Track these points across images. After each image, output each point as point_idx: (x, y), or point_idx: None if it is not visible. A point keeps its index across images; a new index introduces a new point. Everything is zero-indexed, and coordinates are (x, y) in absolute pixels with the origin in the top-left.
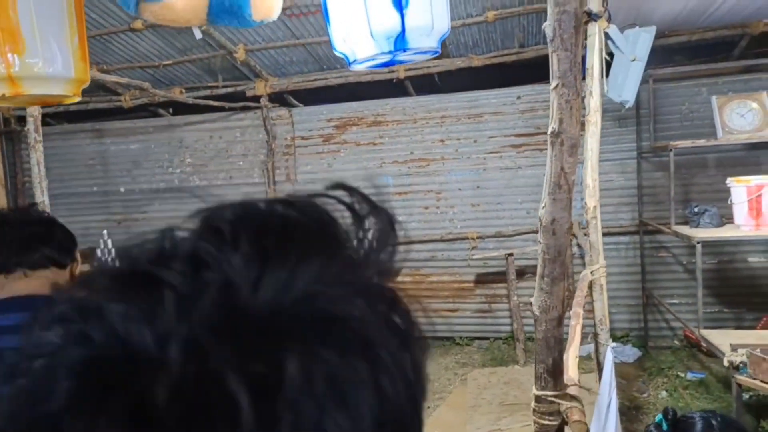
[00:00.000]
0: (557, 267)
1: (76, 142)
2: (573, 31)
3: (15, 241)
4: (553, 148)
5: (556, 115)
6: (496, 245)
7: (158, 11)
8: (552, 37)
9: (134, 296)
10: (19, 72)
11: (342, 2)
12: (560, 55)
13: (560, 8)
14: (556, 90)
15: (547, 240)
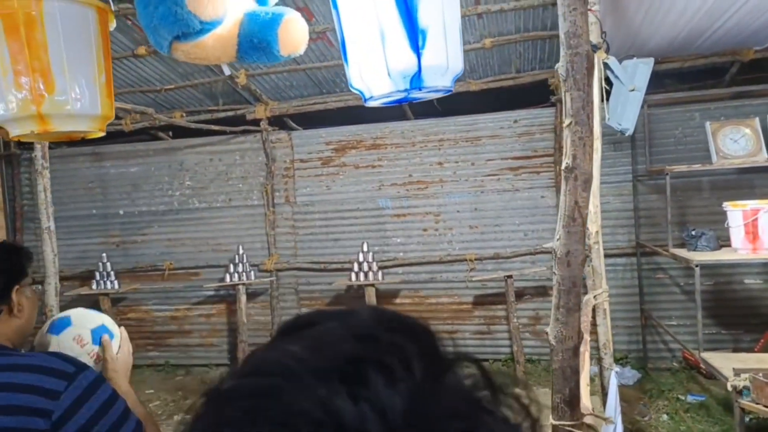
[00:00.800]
0: (572, 298)
1: (76, 165)
2: (585, 72)
3: None
4: (567, 182)
5: (570, 151)
6: (495, 267)
7: (190, 50)
8: (565, 78)
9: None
10: (48, 110)
11: (360, 42)
12: (573, 94)
13: (573, 50)
14: (569, 127)
15: (562, 271)
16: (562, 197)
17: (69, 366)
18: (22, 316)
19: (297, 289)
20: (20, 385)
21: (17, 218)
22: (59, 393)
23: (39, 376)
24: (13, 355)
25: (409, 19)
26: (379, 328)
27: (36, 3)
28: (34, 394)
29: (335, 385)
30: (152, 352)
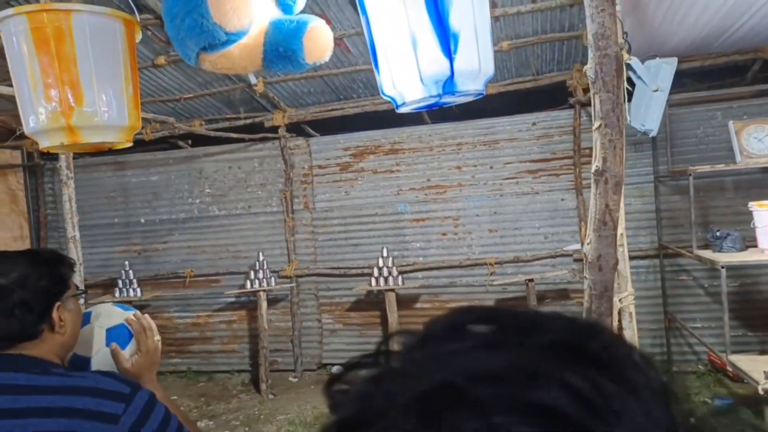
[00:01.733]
0: (604, 303)
1: (98, 174)
2: (614, 74)
3: None
4: (597, 186)
5: (600, 154)
6: (515, 270)
7: (216, 60)
8: (594, 80)
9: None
10: (77, 122)
11: (392, 49)
12: (602, 96)
13: (601, 52)
14: (599, 130)
15: (594, 276)
16: (592, 200)
17: (125, 387)
18: (64, 332)
19: (317, 294)
20: (77, 410)
21: (41, 228)
22: (118, 416)
23: (98, 400)
24: (65, 375)
25: (441, 24)
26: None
27: (65, 17)
28: (93, 419)
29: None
30: (174, 359)
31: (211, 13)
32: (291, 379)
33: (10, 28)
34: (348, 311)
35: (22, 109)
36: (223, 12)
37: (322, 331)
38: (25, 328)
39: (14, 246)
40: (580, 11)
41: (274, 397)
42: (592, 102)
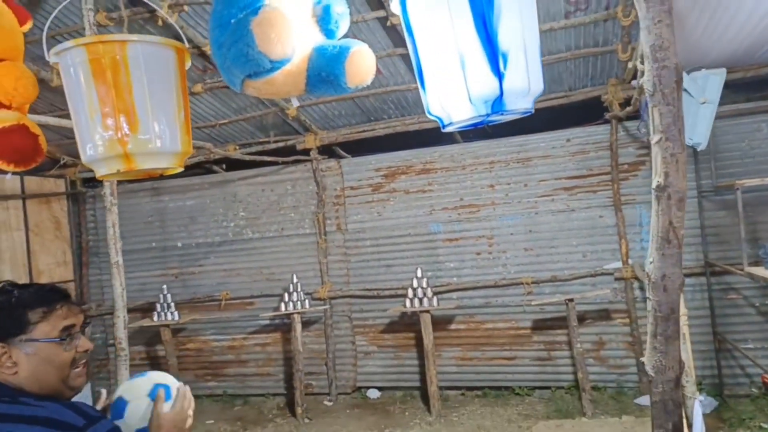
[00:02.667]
0: (671, 325)
1: (136, 200)
2: (674, 86)
3: None
4: (659, 202)
5: (661, 168)
6: (552, 290)
7: (261, 87)
8: (652, 92)
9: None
10: (132, 149)
11: (439, 68)
12: (662, 109)
13: (659, 64)
14: (659, 144)
15: (658, 297)
16: (654, 217)
17: (80, 419)
18: (14, 371)
19: (350, 316)
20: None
21: (83, 253)
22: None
23: (48, 430)
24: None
25: (490, 43)
26: None
27: (120, 47)
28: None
29: None
30: (210, 382)
31: (256, 42)
32: (326, 403)
33: (68, 60)
34: (382, 333)
35: (80, 138)
36: (267, 41)
37: (356, 354)
38: None
39: (58, 271)
40: (614, 26)
41: (309, 422)
42: (650, 115)
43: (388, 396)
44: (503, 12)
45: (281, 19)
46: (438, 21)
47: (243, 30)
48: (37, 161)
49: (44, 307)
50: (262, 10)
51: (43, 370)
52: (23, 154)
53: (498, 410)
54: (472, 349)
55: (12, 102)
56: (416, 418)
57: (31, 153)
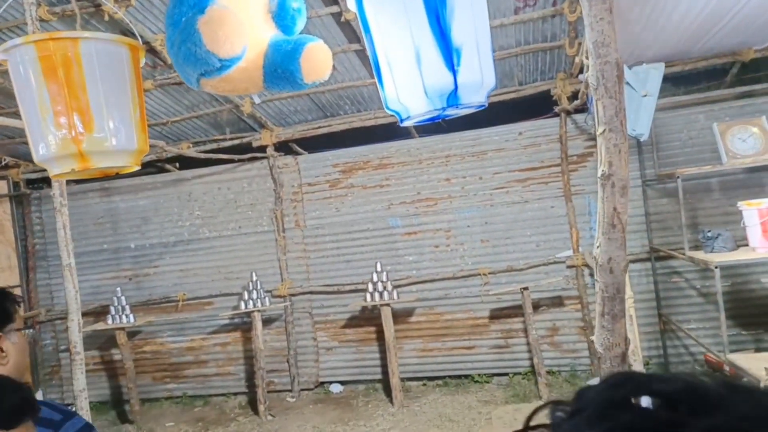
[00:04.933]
0: (617, 304)
1: (86, 201)
2: (616, 80)
3: None
4: (604, 189)
5: (605, 158)
6: (508, 280)
7: (217, 84)
8: (596, 86)
9: None
10: (87, 148)
11: (396, 63)
12: (605, 102)
13: (602, 59)
14: (603, 135)
15: (605, 278)
16: (600, 204)
17: (56, 414)
18: (7, 362)
19: (311, 312)
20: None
21: (29, 257)
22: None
23: None
24: None
25: (443, 39)
26: None
27: (73, 44)
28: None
29: None
30: (170, 384)
31: (204, 41)
32: (289, 399)
33: (17, 57)
34: (343, 328)
35: (32, 137)
36: (215, 40)
37: (318, 350)
38: None
39: (3, 276)
40: (561, 22)
41: (272, 419)
42: (595, 108)
43: (351, 390)
44: (456, 8)
45: (229, 18)
46: (393, 17)
47: (191, 29)
48: None
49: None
50: (209, 8)
51: (21, 359)
52: None
53: (458, 398)
54: (433, 341)
55: None
56: (379, 409)
57: None
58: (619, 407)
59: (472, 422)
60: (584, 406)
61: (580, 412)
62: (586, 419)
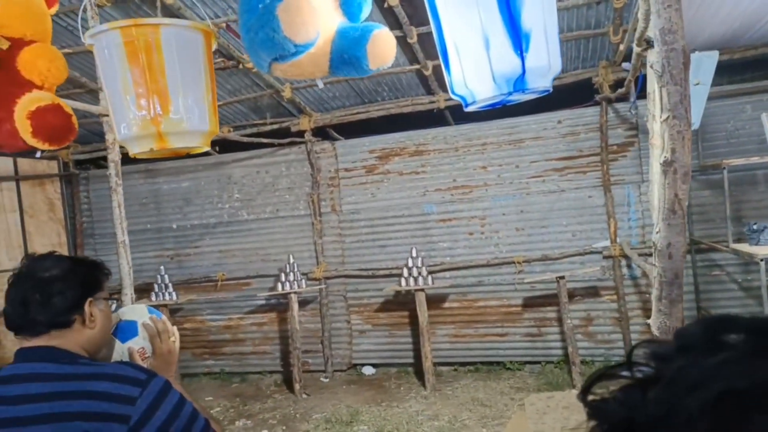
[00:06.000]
0: (675, 289)
1: (131, 182)
2: (682, 67)
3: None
4: (666, 176)
5: (668, 145)
6: (543, 268)
7: (287, 69)
8: (661, 73)
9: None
10: (165, 128)
11: (464, 49)
12: (670, 89)
13: (668, 47)
14: (666, 122)
15: (663, 263)
16: (660, 190)
17: (141, 373)
18: (94, 326)
19: (345, 296)
20: (98, 392)
21: (77, 235)
22: (135, 398)
23: (115, 384)
24: (89, 365)
25: (513, 24)
26: None
27: (154, 31)
28: (112, 401)
29: None
30: (208, 361)
31: (282, 27)
32: (322, 380)
33: (103, 42)
34: (377, 312)
35: (115, 117)
36: (292, 26)
37: (351, 332)
38: (59, 315)
39: None
40: (606, 8)
41: (307, 397)
42: (659, 95)
43: (383, 372)
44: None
45: (305, 5)
46: (463, 4)
47: (269, 15)
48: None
49: (104, 272)
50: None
51: (107, 325)
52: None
53: (491, 384)
54: (465, 327)
55: (44, 83)
56: (411, 392)
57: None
58: (716, 342)
59: (504, 407)
60: (691, 343)
61: (689, 348)
62: (704, 351)
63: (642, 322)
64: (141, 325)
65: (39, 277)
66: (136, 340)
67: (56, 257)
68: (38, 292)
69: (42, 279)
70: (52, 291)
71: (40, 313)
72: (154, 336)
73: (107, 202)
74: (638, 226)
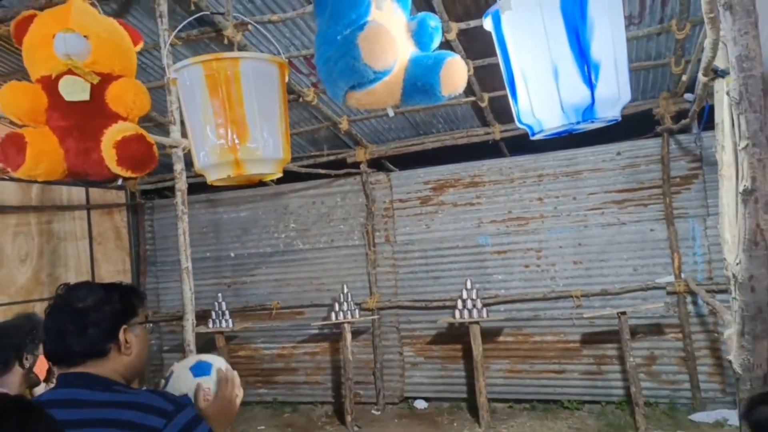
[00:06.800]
0: (759, 324)
1: (193, 211)
2: (761, 94)
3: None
4: (746, 205)
5: (748, 173)
6: (602, 303)
7: (361, 98)
8: (738, 101)
9: None
10: (242, 156)
11: (533, 79)
12: (749, 116)
13: (746, 73)
14: (746, 150)
15: (746, 297)
16: (741, 220)
17: (169, 405)
18: (130, 353)
19: (398, 327)
20: (124, 421)
21: (141, 262)
22: (159, 430)
23: (141, 414)
24: (122, 392)
25: (582, 54)
26: None
27: (232, 64)
28: (135, 430)
29: None
30: (261, 389)
31: (362, 54)
32: (374, 412)
33: (186, 75)
34: (429, 344)
35: (195, 146)
36: (372, 53)
37: (403, 364)
38: (94, 345)
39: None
40: (667, 39)
41: (359, 430)
42: (733, 123)
43: (435, 407)
44: (595, 24)
45: (385, 34)
46: (532, 35)
47: (350, 44)
48: (150, 167)
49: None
50: (367, 26)
51: (143, 351)
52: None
53: (548, 423)
54: (521, 362)
55: (129, 114)
56: (465, 429)
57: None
58: None
59: None
60: None
61: None
62: None
63: (710, 363)
64: (215, 368)
65: (74, 307)
66: (206, 379)
67: (90, 286)
68: (73, 323)
69: (76, 310)
70: (87, 322)
71: (76, 344)
72: (223, 381)
73: (170, 231)
74: (704, 261)
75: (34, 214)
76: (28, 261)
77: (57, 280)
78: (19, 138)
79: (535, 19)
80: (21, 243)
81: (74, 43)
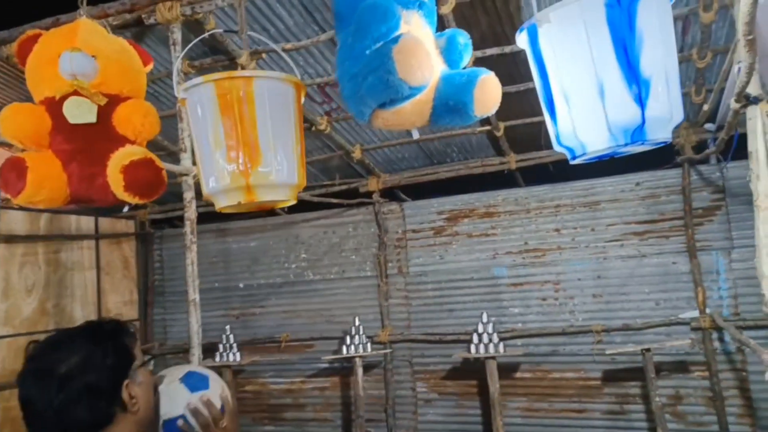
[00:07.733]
0: None
1: (202, 241)
2: None
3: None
4: None
5: None
6: (624, 339)
7: (389, 117)
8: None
9: None
10: (254, 181)
11: (574, 100)
12: None
13: None
14: None
15: None
16: None
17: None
18: (137, 409)
19: (411, 361)
20: None
21: (149, 292)
22: None
23: None
24: None
25: (631, 70)
26: None
27: (246, 83)
28: None
29: None
30: (268, 426)
31: (397, 68)
32: None
33: (195, 95)
34: (443, 379)
35: (203, 170)
36: (408, 67)
37: (416, 401)
38: (96, 416)
39: (125, 310)
40: (687, 69)
41: None
42: None
43: None
44: (645, 37)
45: (421, 47)
46: (574, 51)
47: (384, 57)
48: (159, 193)
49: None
50: (402, 38)
51: (149, 396)
52: (149, 186)
53: None
54: (539, 400)
55: (138, 138)
56: None
57: (156, 185)
58: None
59: None
60: None
61: None
62: None
63: (739, 403)
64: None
65: (57, 374)
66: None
67: (69, 341)
68: (60, 395)
69: (61, 377)
70: (78, 389)
71: (70, 421)
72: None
73: (178, 261)
74: (730, 296)
75: (42, 244)
76: (35, 291)
77: (62, 311)
78: (19, 162)
79: (578, 31)
80: (28, 273)
81: (81, 63)
